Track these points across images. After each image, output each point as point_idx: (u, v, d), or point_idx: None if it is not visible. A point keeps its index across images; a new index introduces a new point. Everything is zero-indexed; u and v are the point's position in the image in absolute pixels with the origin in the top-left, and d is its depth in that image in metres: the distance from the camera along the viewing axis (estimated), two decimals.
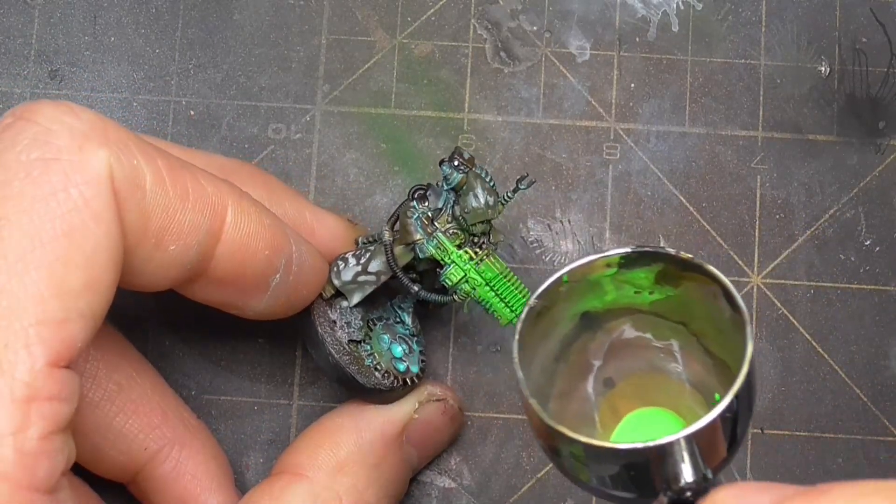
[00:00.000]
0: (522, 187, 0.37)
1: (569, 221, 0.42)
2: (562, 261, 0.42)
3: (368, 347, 0.38)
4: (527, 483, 0.41)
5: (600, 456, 0.28)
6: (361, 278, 0.37)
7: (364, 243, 0.38)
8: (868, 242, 0.42)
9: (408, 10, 0.43)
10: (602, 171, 0.42)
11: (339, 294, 0.38)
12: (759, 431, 0.41)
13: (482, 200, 0.37)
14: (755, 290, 0.42)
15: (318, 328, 0.37)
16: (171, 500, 0.37)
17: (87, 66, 0.43)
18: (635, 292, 0.32)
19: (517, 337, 0.30)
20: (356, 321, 0.38)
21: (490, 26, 0.43)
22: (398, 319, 0.39)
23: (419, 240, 0.37)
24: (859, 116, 0.43)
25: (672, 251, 0.30)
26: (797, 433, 0.41)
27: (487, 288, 0.37)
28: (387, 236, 0.37)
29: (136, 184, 0.31)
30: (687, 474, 0.27)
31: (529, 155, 0.43)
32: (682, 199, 0.42)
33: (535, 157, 0.43)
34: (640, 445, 0.27)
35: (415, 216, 0.37)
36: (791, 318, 0.42)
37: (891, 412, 0.41)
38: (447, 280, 0.37)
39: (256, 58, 0.43)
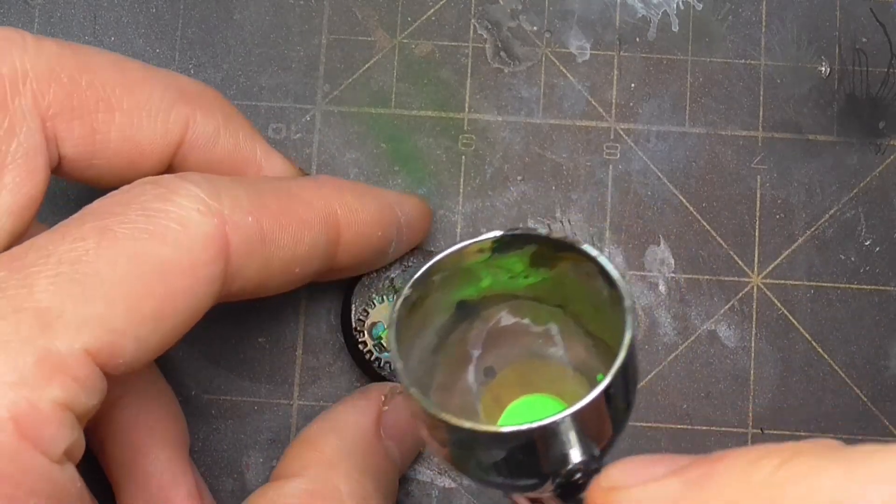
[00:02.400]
0: None
1: (569, 221, 0.42)
2: None
3: (378, 300, 0.40)
4: None
5: (486, 442, 0.27)
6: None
7: None
8: (868, 242, 0.42)
9: (408, 10, 0.43)
10: (602, 171, 0.42)
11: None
12: (759, 431, 0.41)
13: None
14: (755, 290, 0.42)
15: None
16: (124, 450, 0.37)
17: None
18: (510, 277, 0.32)
19: (394, 327, 0.29)
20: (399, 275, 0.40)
21: (490, 26, 0.43)
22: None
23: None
24: (859, 116, 0.43)
25: (543, 232, 0.30)
26: (797, 433, 0.41)
27: None
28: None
29: (258, 239, 0.33)
30: (574, 455, 0.27)
31: (529, 155, 0.43)
32: (682, 199, 0.42)
33: (535, 157, 0.43)
34: (523, 427, 0.27)
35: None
36: (791, 318, 0.42)
37: (891, 412, 0.41)
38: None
39: (256, 58, 0.43)
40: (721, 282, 0.42)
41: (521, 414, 0.32)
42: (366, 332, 0.40)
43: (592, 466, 0.27)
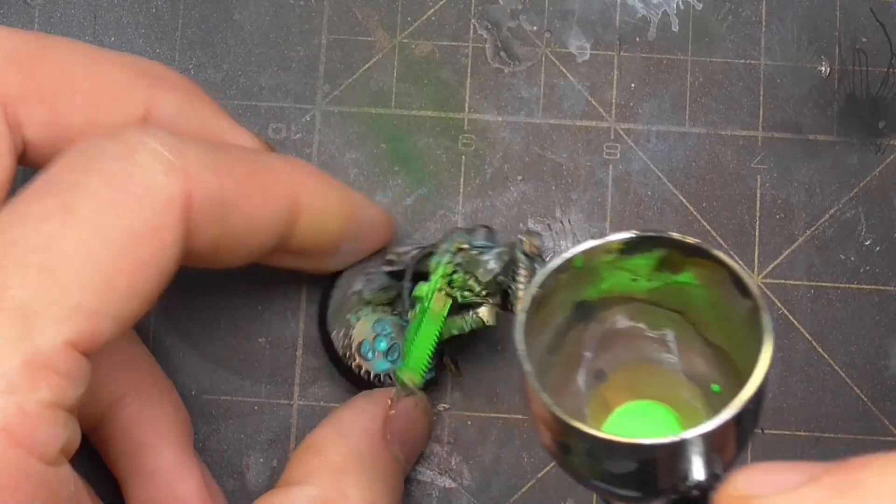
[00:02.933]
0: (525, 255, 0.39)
1: (569, 221, 0.42)
2: None
3: (354, 318, 0.39)
4: (527, 483, 0.41)
5: (615, 452, 0.27)
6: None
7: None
8: (868, 242, 0.42)
9: (408, 10, 0.43)
10: (602, 171, 0.42)
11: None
12: (760, 431, 0.41)
13: (492, 273, 0.38)
14: None
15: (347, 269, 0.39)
16: (128, 447, 0.37)
17: None
18: (632, 280, 0.31)
19: (523, 328, 0.29)
20: (381, 279, 0.39)
21: (490, 26, 0.43)
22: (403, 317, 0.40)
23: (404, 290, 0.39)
24: (859, 116, 0.43)
25: (677, 236, 0.29)
26: (797, 433, 0.41)
27: (419, 319, 0.38)
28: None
29: (219, 201, 0.33)
30: (698, 472, 0.26)
31: (529, 155, 0.43)
32: (682, 199, 0.42)
33: (535, 157, 0.43)
34: (661, 441, 0.26)
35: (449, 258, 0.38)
36: (791, 318, 0.42)
37: (891, 412, 0.41)
38: (416, 292, 0.38)
39: (256, 58, 0.43)
40: None
41: (628, 419, 0.31)
42: (356, 355, 0.39)
43: (713, 484, 0.26)
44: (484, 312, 0.38)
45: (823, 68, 0.43)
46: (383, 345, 0.39)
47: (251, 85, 0.43)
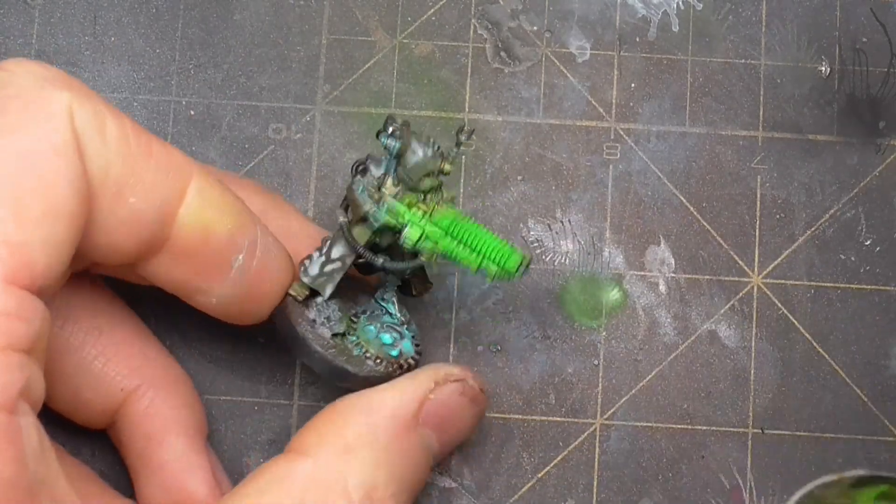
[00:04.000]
0: (464, 139, 0.37)
1: (569, 221, 0.42)
2: (562, 261, 0.42)
3: (355, 338, 0.37)
4: (527, 483, 0.41)
5: None
6: (328, 268, 0.37)
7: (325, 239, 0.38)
8: (868, 242, 0.42)
9: (408, 10, 0.43)
10: (602, 171, 0.42)
11: (313, 294, 0.37)
12: (760, 431, 0.41)
13: (420, 154, 0.36)
14: (755, 290, 0.42)
15: (298, 328, 0.37)
16: (140, 440, 0.37)
17: (87, 66, 0.43)
18: None
19: None
20: (335, 314, 0.37)
21: (490, 26, 0.43)
22: (384, 311, 0.39)
23: (369, 210, 0.36)
24: (859, 116, 0.43)
25: None
26: (797, 433, 0.41)
27: (448, 238, 0.36)
28: (341, 218, 0.37)
29: (98, 129, 0.32)
30: None
31: (529, 155, 0.43)
32: (682, 199, 0.42)
33: (535, 157, 0.43)
34: None
35: (360, 188, 0.37)
36: (791, 318, 0.42)
37: (891, 412, 0.41)
38: (407, 241, 0.36)
39: (256, 58, 0.43)
40: (721, 282, 0.42)
41: None
42: (380, 357, 0.38)
43: None
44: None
45: (823, 68, 0.43)
46: (387, 338, 0.38)
47: (251, 85, 0.43)
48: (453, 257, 0.36)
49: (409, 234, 0.36)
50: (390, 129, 0.36)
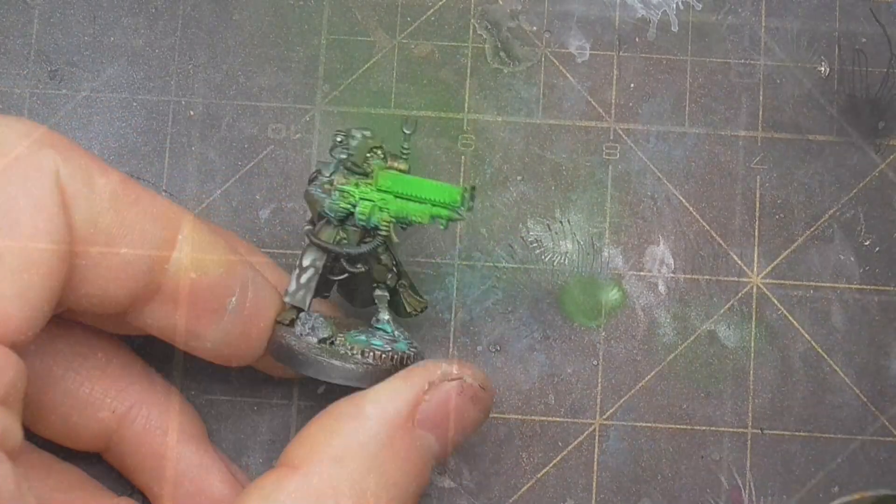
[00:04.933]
0: (409, 131, 0.37)
1: (568, 221, 0.42)
2: (561, 261, 0.42)
3: (344, 340, 0.37)
4: (527, 483, 0.41)
5: None
6: (303, 278, 0.38)
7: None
8: (868, 242, 0.42)
9: (408, 10, 0.43)
10: (602, 171, 0.42)
11: (297, 313, 0.38)
12: (760, 431, 0.41)
13: (359, 136, 0.37)
14: (755, 290, 0.42)
15: (283, 341, 0.37)
16: (146, 458, 0.37)
17: (86, 66, 0.43)
18: None
19: None
20: (318, 321, 0.38)
21: (490, 26, 0.43)
22: (377, 328, 0.39)
23: (325, 203, 0.37)
24: (859, 116, 0.43)
25: None
26: (797, 433, 0.41)
27: (397, 200, 0.37)
28: (306, 227, 0.38)
29: (85, 182, 0.32)
30: None
31: (529, 155, 0.43)
32: (682, 199, 0.42)
33: (535, 157, 0.43)
34: None
35: (315, 190, 0.37)
36: (791, 318, 0.42)
37: (891, 412, 0.41)
38: (361, 217, 0.37)
39: (256, 58, 0.43)
40: (720, 282, 0.42)
41: None
42: (385, 354, 0.38)
43: None
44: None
45: (823, 68, 0.43)
46: (378, 342, 0.38)
47: (251, 85, 0.43)
48: (406, 218, 0.37)
49: (362, 209, 0.37)
50: (338, 138, 0.37)
